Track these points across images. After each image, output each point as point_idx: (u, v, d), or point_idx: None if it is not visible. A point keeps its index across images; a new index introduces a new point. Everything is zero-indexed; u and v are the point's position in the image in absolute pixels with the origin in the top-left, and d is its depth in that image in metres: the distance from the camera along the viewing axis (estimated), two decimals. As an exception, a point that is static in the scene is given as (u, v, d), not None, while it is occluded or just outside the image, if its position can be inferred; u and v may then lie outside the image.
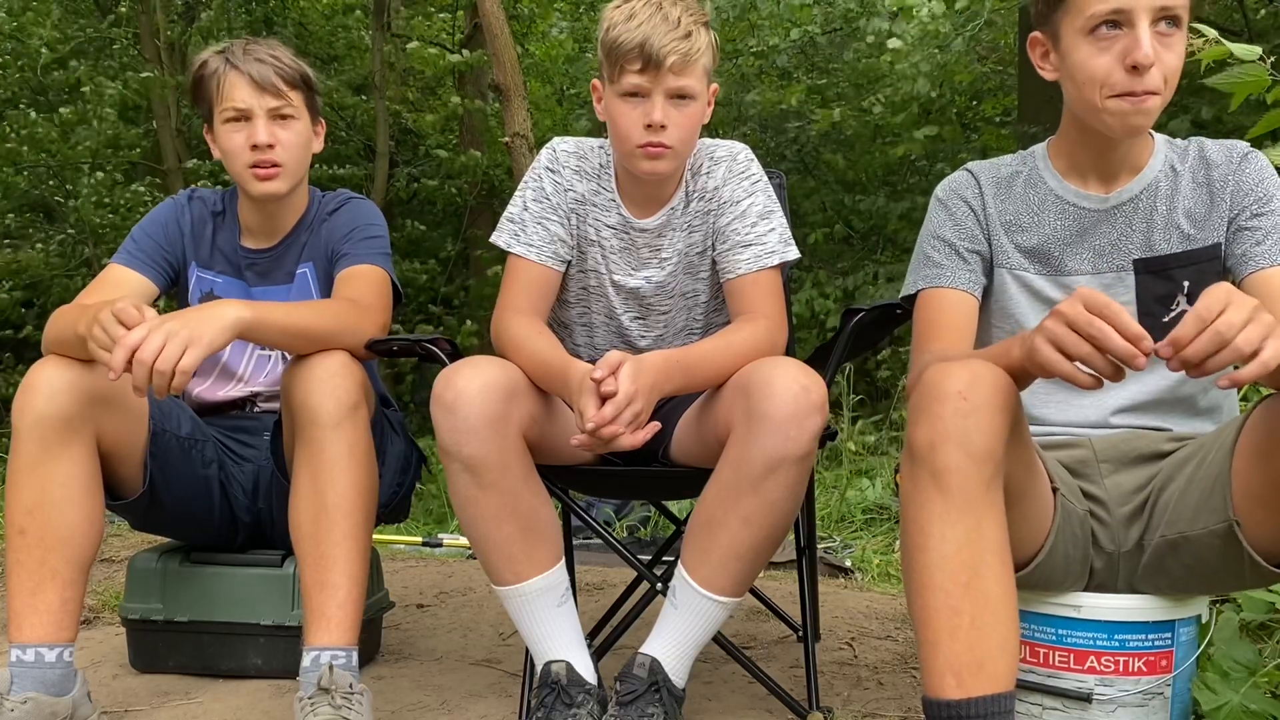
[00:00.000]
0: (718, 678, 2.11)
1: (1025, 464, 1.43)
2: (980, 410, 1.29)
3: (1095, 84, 1.48)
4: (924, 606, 1.29)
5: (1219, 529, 1.45)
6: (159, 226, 2.09)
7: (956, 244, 1.68)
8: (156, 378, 1.56)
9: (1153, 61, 1.43)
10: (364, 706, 1.69)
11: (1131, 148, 1.60)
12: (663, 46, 1.72)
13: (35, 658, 1.69)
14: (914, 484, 1.32)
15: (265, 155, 1.98)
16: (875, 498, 3.86)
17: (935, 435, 1.29)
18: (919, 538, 1.31)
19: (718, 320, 1.99)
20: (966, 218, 1.69)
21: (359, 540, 1.77)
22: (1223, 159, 1.61)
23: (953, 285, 1.66)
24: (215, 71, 1.99)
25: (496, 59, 4.99)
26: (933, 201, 1.75)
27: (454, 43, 8.99)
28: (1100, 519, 1.58)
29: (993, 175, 1.71)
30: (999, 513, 1.31)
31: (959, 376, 1.31)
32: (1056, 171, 1.66)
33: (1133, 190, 1.61)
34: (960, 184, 1.72)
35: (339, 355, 1.79)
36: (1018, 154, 1.74)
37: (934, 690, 1.27)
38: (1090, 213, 1.63)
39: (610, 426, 1.55)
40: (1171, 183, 1.61)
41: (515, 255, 1.89)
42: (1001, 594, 1.29)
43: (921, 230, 1.74)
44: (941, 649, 1.27)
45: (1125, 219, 1.61)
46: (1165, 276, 1.59)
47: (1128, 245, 1.61)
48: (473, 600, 2.80)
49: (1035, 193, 1.67)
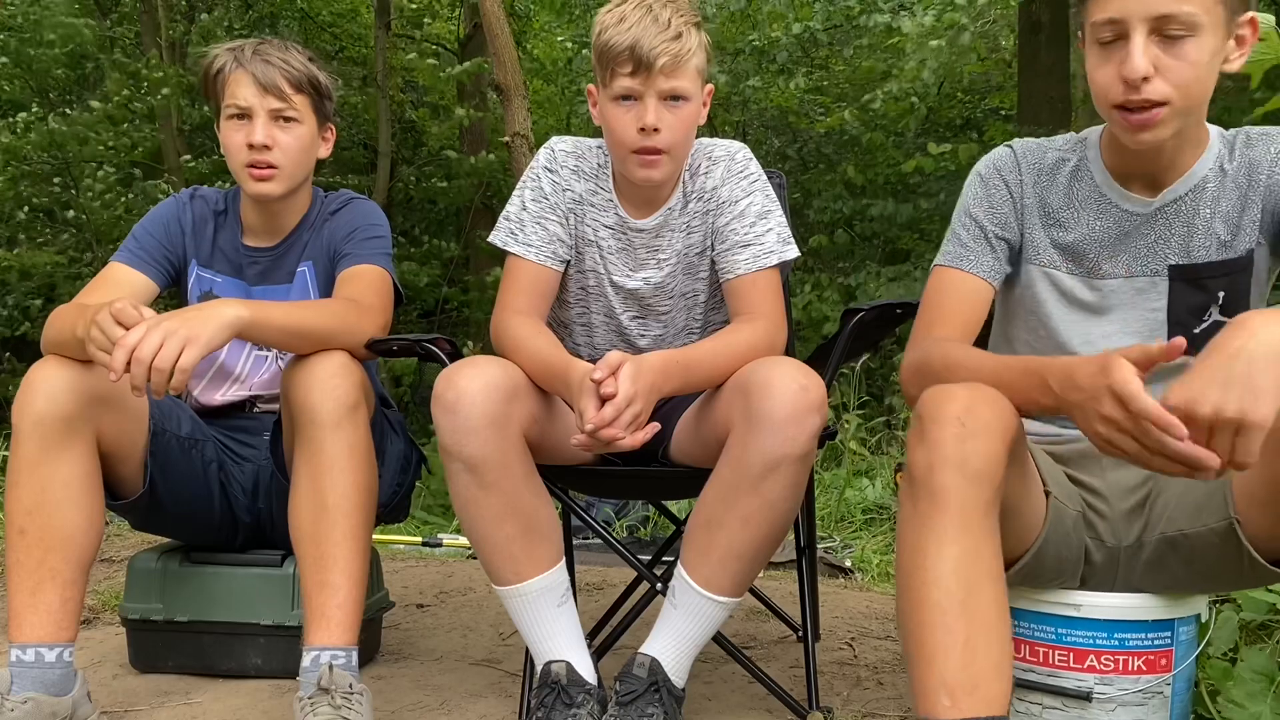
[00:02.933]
0: (718, 678, 2.11)
1: (1020, 478, 1.43)
2: (979, 436, 1.28)
3: (1100, 94, 1.44)
4: (919, 625, 1.27)
5: (1219, 528, 1.45)
6: (160, 225, 2.09)
7: (986, 226, 1.61)
8: (155, 376, 1.57)
9: (1142, 75, 1.36)
10: (364, 706, 1.69)
11: (1178, 151, 1.50)
12: (653, 48, 1.72)
13: (35, 658, 1.69)
14: (912, 505, 1.31)
15: (261, 156, 1.98)
16: (875, 498, 3.86)
17: (934, 458, 1.29)
18: (916, 557, 1.29)
19: (717, 320, 1.99)
20: (1004, 202, 1.61)
21: (359, 540, 1.77)
22: (1269, 158, 1.49)
23: (972, 270, 1.60)
24: (223, 68, 2.01)
25: (497, 58, 4.99)
26: (972, 175, 1.66)
27: (454, 42, 8.99)
28: (1100, 512, 1.58)
29: (1037, 159, 1.61)
30: (995, 536, 1.30)
31: (959, 401, 1.30)
32: (1106, 168, 1.57)
33: (1178, 192, 1.52)
34: (1003, 163, 1.63)
35: (338, 355, 1.79)
36: (1069, 137, 1.63)
37: (926, 710, 1.25)
38: (1133, 216, 1.55)
39: (610, 429, 1.55)
40: (1219, 184, 1.52)
41: (514, 255, 1.89)
42: (996, 616, 1.27)
43: (959, 201, 1.66)
44: (935, 668, 1.25)
45: (1166, 223, 1.53)
46: (1199, 286, 1.53)
47: (1165, 250, 1.54)
48: (473, 600, 2.80)
49: (1080, 186, 1.58)
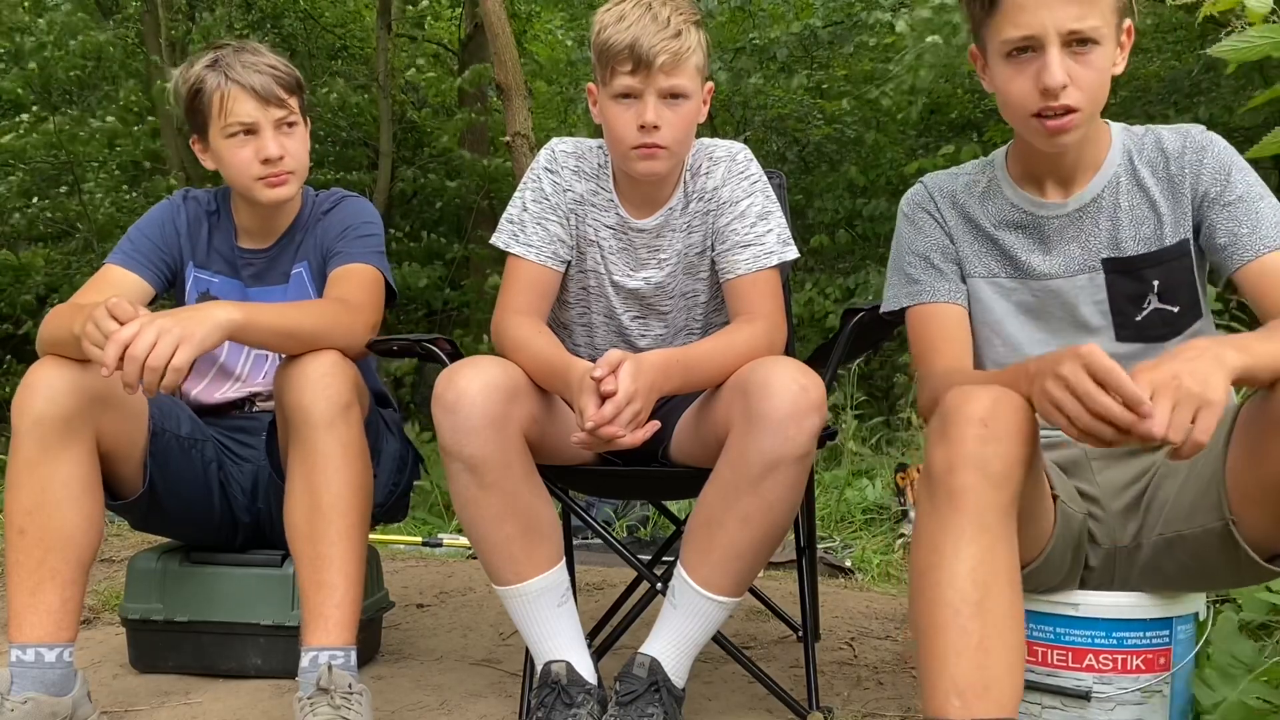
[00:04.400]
0: (718, 678, 2.11)
1: (1035, 484, 1.42)
2: (1001, 439, 1.28)
3: (1016, 104, 1.49)
4: (932, 625, 1.26)
5: (1215, 527, 1.44)
6: (155, 227, 2.09)
7: (930, 256, 1.67)
8: (148, 374, 1.56)
9: (1061, 85, 1.43)
10: (363, 706, 1.69)
11: (1084, 150, 1.57)
12: (652, 47, 1.72)
13: (35, 658, 1.70)
14: (930, 504, 1.31)
15: (278, 167, 1.98)
16: (875, 498, 3.85)
17: (954, 458, 1.28)
18: (932, 556, 1.28)
19: (718, 320, 1.99)
20: (934, 229, 1.68)
21: (354, 539, 1.77)
22: (1178, 148, 1.56)
23: (934, 299, 1.65)
24: (213, 87, 1.96)
25: (498, 58, 4.98)
26: (899, 216, 1.73)
27: (454, 42, 8.99)
28: (1095, 515, 1.58)
29: (949, 186, 1.69)
30: (1012, 539, 1.30)
31: (981, 403, 1.30)
32: (1013, 180, 1.64)
33: (1093, 191, 1.58)
34: (920, 197, 1.71)
35: (330, 355, 1.78)
36: (978, 161, 1.71)
37: (936, 711, 1.24)
38: (1051, 219, 1.60)
39: (610, 426, 1.55)
40: (1131, 177, 1.58)
41: (515, 256, 1.89)
42: (1011, 619, 1.27)
43: (893, 245, 1.72)
44: (948, 668, 1.24)
45: (1091, 220, 1.59)
46: (1134, 276, 1.57)
47: (1095, 245, 1.59)
48: (473, 600, 2.80)
49: (994, 203, 1.65)
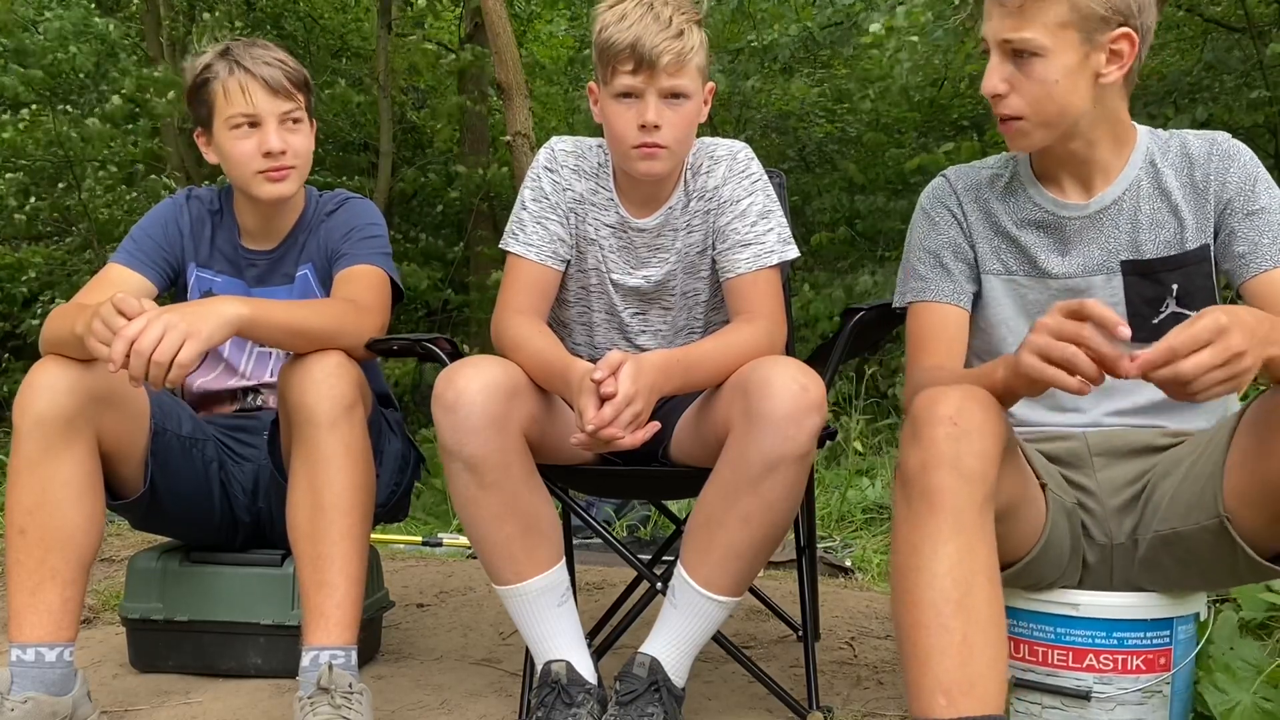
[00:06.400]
0: (718, 678, 2.11)
1: (1017, 478, 1.43)
2: (971, 435, 1.29)
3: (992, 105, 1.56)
4: (914, 624, 1.27)
5: (1210, 525, 1.45)
6: (158, 226, 2.08)
7: (941, 254, 1.67)
8: (153, 369, 1.56)
9: (990, 92, 1.53)
10: (363, 706, 1.70)
11: (1095, 152, 1.57)
12: (655, 46, 1.72)
13: (35, 657, 1.70)
14: (906, 505, 1.32)
15: (279, 161, 1.97)
16: (876, 497, 3.85)
17: (927, 458, 1.29)
18: (911, 557, 1.29)
19: (718, 319, 1.99)
20: (950, 226, 1.68)
21: (356, 539, 1.77)
22: (1204, 154, 1.56)
23: (936, 299, 1.66)
24: (222, 76, 1.95)
25: (498, 57, 4.98)
26: (917, 210, 1.73)
27: (455, 42, 8.98)
28: (1090, 510, 1.58)
29: (971, 180, 1.70)
30: (990, 535, 1.31)
31: (949, 402, 1.31)
32: (1036, 178, 1.64)
33: (1115, 193, 1.59)
34: (942, 191, 1.71)
35: (335, 355, 1.78)
36: (1000, 156, 1.71)
37: (922, 710, 1.25)
38: (1071, 220, 1.61)
39: (609, 428, 1.55)
40: (1154, 181, 1.58)
41: (515, 255, 1.89)
42: (992, 615, 1.28)
43: (907, 239, 1.73)
44: (931, 667, 1.25)
45: (1111, 221, 1.59)
46: (1153, 279, 1.57)
47: (1114, 247, 1.59)
48: (473, 600, 2.80)
49: (1015, 199, 1.65)
